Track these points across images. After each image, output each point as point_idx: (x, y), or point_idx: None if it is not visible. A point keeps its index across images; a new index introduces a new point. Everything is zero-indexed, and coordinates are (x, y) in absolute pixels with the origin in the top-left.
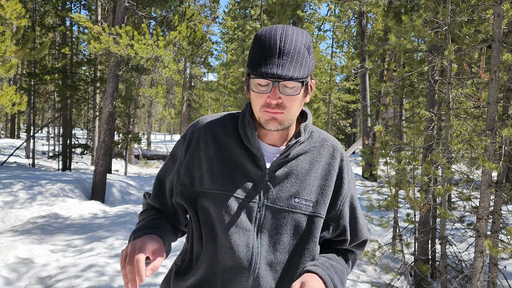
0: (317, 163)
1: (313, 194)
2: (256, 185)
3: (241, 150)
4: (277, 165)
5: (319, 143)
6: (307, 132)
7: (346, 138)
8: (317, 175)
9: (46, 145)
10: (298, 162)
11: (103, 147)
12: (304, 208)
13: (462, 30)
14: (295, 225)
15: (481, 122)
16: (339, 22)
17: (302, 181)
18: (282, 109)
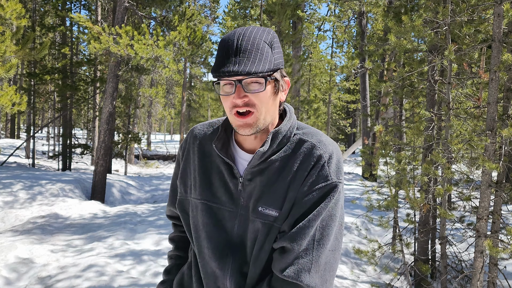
0: (288, 168)
1: (278, 202)
2: (231, 194)
3: (220, 158)
4: (249, 173)
5: (296, 147)
6: (278, 139)
7: (346, 138)
8: (285, 181)
9: (46, 145)
10: (271, 171)
11: (103, 147)
12: (268, 217)
13: (462, 30)
14: (258, 234)
15: (481, 122)
16: (339, 22)
17: (272, 190)
18: (252, 107)
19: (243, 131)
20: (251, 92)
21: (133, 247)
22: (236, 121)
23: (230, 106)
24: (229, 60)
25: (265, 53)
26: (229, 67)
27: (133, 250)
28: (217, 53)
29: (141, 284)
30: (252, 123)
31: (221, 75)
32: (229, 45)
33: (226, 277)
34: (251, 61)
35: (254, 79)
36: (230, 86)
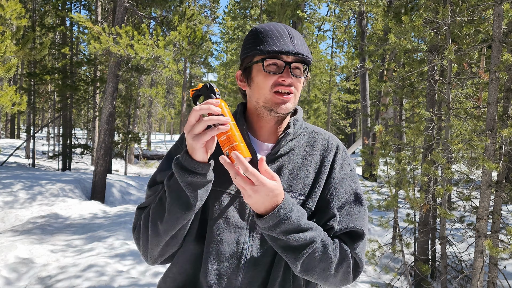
0: (311, 156)
1: (306, 187)
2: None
3: None
4: (269, 160)
5: (312, 137)
6: (297, 125)
7: (346, 138)
8: (311, 168)
9: (46, 145)
10: (291, 157)
11: (103, 147)
12: (298, 203)
13: (462, 30)
14: None
15: (481, 122)
16: (339, 22)
17: (295, 176)
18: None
19: (280, 109)
20: (296, 76)
21: (133, 247)
22: (276, 98)
23: (272, 84)
24: (286, 41)
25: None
26: (288, 47)
27: (133, 250)
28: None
29: (141, 284)
30: (291, 103)
31: (283, 53)
32: (279, 30)
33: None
34: (303, 46)
35: (298, 64)
36: (275, 66)
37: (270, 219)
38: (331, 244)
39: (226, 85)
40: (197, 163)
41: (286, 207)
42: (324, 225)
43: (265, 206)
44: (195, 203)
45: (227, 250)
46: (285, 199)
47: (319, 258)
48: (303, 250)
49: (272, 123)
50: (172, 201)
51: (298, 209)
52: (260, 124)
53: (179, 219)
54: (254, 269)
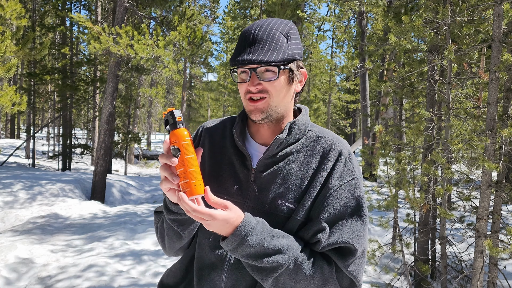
0: (308, 163)
1: (298, 197)
2: (241, 185)
3: (232, 149)
4: (264, 165)
5: (314, 142)
6: (295, 129)
7: (346, 138)
8: (306, 176)
9: (46, 145)
10: (287, 163)
11: (103, 147)
12: (287, 211)
13: (462, 30)
14: (274, 227)
15: (481, 122)
16: (339, 22)
17: (288, 184)
18: (265, 93)
19: (254, 116)
20: (265, 80)
21: (133, 247)
22: (249, 106)
23: (244, 92)
24: (245, 49)
25: (279, 43)
26: (243, 56)
27: (133, 250)
28: (237, 43)
29: (141, 284)
30: (263, 108)
31: (236, 64)
32: (246, 35)
33: (223, 269)
34: (265, 50)
35: (268, 67)
36: (246, 74)
37: (228, 243)
38: (308, 265)
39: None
40: (174, 205)
41: (242, 231)
42: (311, 237)
43: (226, 231)
44: (185, 235)
45: (212, 252)
46: (241, 223)
47: (293, 279)
48: (270, 272)
49: (265, 127)
50: (167, 229)
51: (263, 231)
52: (256, 128)
53: (175, 242)
54: (239, 273)
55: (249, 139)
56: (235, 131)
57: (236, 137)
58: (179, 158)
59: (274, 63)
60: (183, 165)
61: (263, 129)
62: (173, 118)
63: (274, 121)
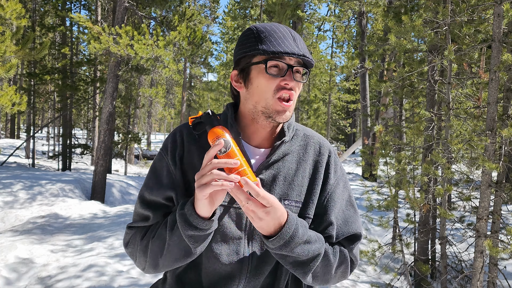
0: (304, 162)
1: (302, 194)
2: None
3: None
4: (263, 167)
5: (304, 141)
6: (291, 130)
7: (346, 138)
8: (305, 174)
9: (46, 145)
10: (285, 163)
11: (103, 147)
12: (294, 210)
13: (462, 30)
14: None
15: (481, 122)
16: (339, 22)
17: (290, 183)
18: (294, 93)
19: (279, 118)
20: (297, 80)
21: None
22: (277, 105)
23: (275, 88)
24: (290, 42)
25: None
26: (292, 48)
27: None
28: (263, 35)
29: (141, 284)
30: (289, 111)
31: (286, 54)
32: (281, 30)
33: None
34: (306, 49)
35: (299, 68)
36: (277, 69)
37: (281, 239)
38: (331, 251)
39: (226, 85)
40: (201, 220)
41: (293, 224)
42: (321, 232)
43: (274, 226)
44: (196, 252)
45: (227, 262)
46: (290, 217)
47: (323, 266)
48: (311, 263)
49: (268, 129)
50: (174, 244)
51: (301, 223)
52: (253, 129)
53: (178, 260)
54: (256, 279)
55: (243, 143)
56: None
57: (240, 143)
58: (231, 149)
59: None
60: (236, 155)
61: (264, 130)
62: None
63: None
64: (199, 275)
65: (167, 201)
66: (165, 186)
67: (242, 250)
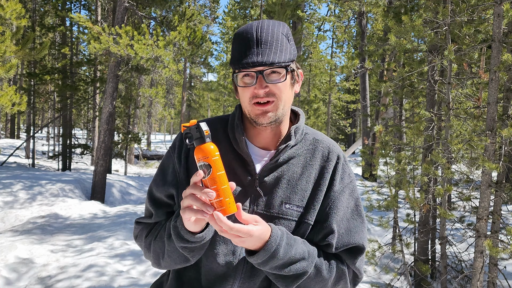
0: (310, 166)
1: (304, 199)
2: (246, 191)
3: (231, 154)
4: (268, 170)
5: (312, 145)
6: (298, 134)
7: (346, 138)
8: (310, 179)
9: (46, 145)
10: (290, 166)
11: (103, 147)
12: (295, 215)
13: (462, 30)
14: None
15: (481, 122)
16: (339, 22)
17: (293, 187)
18: (272, 97)
19: (262, 120)
20: (273, 83)
21: (133, 247)
22: (255, 110)
23: (250, 97)
24: (251, 51)
25: (284, 44)
26: (252, 58)
27: (133, 250)
28: (235, 45)
29: (141, 284)
30: (272, 111)
31: (245, 66)
32: (249, 37)
33: (236, 278)
34: (273, 51)
35: (274, 69)
36: (250, 77)
37: (258, 257)
38: (325, 267)
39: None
40: (191, 235)
41: (273, 244)
42: (321, 239)
43: (254, 246)
44: (193, 259)
45: (223, 262)
46: (271, 237)
47: (312, 281)
48: (294, 279)
49: (268, 130)
50: (172, 250)
51: (288, 240)
52: (256, 132)
53: (177, 264)
54: (251, 281)
55: (248, 143)
56: (242, 138)
57: (242, 145)
58: (211, 175)
59: (284, 63)
60: (215, 183)
61: (265, 133)
62: (200, 132)
63: (278, 124)
64: (199, 273)
65: (168, 198)
66: (168, 183)
67: (239, 251)
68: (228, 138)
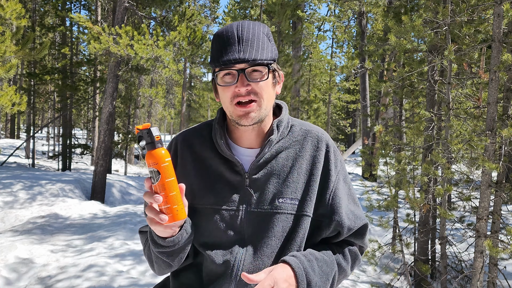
0: (300, 158)
1: (298, 191)
2: (237, 192)
3: (218, 159)
4: (256, 167)
5: (301, 136)
6: (282, 127)
7: (346, 138)
8: (301, 170)
9: (46, 145)
10: (279, 160)
11: (103, 147)
12: (290, 208)
13: (462, 30)
14: (282, 226)
15: (481, 122)
16: (339, 22)
17: (284, 180)
18: (254, 95)
19: (245, 121)
20: (255, 81)
21: (133, 247)
22: (237, 111)
23: (231, 96)
24: (232, 48)
25: (265, 42)
26: (233, 55)
27: (133, 250)
28: (215, 44)
29: (141, 284)
30: (254, 111)
31: (226, 63)
32: (229, 35)
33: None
34: (255, 49)
35: (255, 68)
36: (231, 76)
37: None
38: (342, 258)
39: None
40: (163, 240)
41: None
42: (332, 232)
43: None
44: (174, 264)
45: (221, 262)
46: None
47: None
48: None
49: (249, 130)
50: (155, 258)
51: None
52: (239, 133)
53: (165, 269)
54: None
55: (233, 145)
56: (221, 142)
57: (223, 148)
58: (159, 182)
59: (266, 61)
60: (164, 190)
61: (248, 133)
62: (151, 137)
63: (260, 123)
64: (199, 274)
65: None
66: None
67: (235, 253)
68: (213, 142)
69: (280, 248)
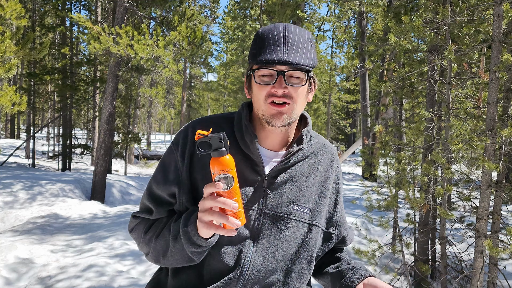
0: (316, 169)
1: (310, 201)
2: (254, 192)
3: (238, 155)
4: (276, 171)
5: (318, 148)
6: (307, 137)
7: (346, 138)
8: (315, 182)
9: (46, 145)
10: (297, 168)
11: (103, 147)
12: (302, 216)
13: (462, 30)
14: (294, 232)
15: (481, 122)
16: (339, 22)
17: (300, 188)
18: (289, 99)
19: (276, 121)
20: (292, 85)
21: (133, 247)
22: (270, 109)
23: (266, 95)
24: (277, 49)
25: (309, 49)
26: (278, 55)
27: (133, 250)
28: (259, 42)
29: (141, 284)
30: (286, 113)
31: (269, 63)
32: (275, 35)
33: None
34: (299, 53)
35: (295, 72)
36: (269, 76)
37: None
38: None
39: (226, 85)
40: (203, 240)
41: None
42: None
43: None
44: (199, 260)
45: (229, 262)
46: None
47: None
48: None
49: (277, 131)
50: (177, 251)
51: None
52: (266, 133)
53: (180, 264)
54: (257, 279)
55: (257, 145)
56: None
57: (252, 146)
58: (233, 187)
59: (307, 67)
60: (236, 194)
61: (275, 134)
62: (225, 143)
63: (288, 126)
64: (200, 271)
65: (170, 197)
66: (170, 181)
67: (246, 250)
68: (235, 138)
69: (290, 253)
